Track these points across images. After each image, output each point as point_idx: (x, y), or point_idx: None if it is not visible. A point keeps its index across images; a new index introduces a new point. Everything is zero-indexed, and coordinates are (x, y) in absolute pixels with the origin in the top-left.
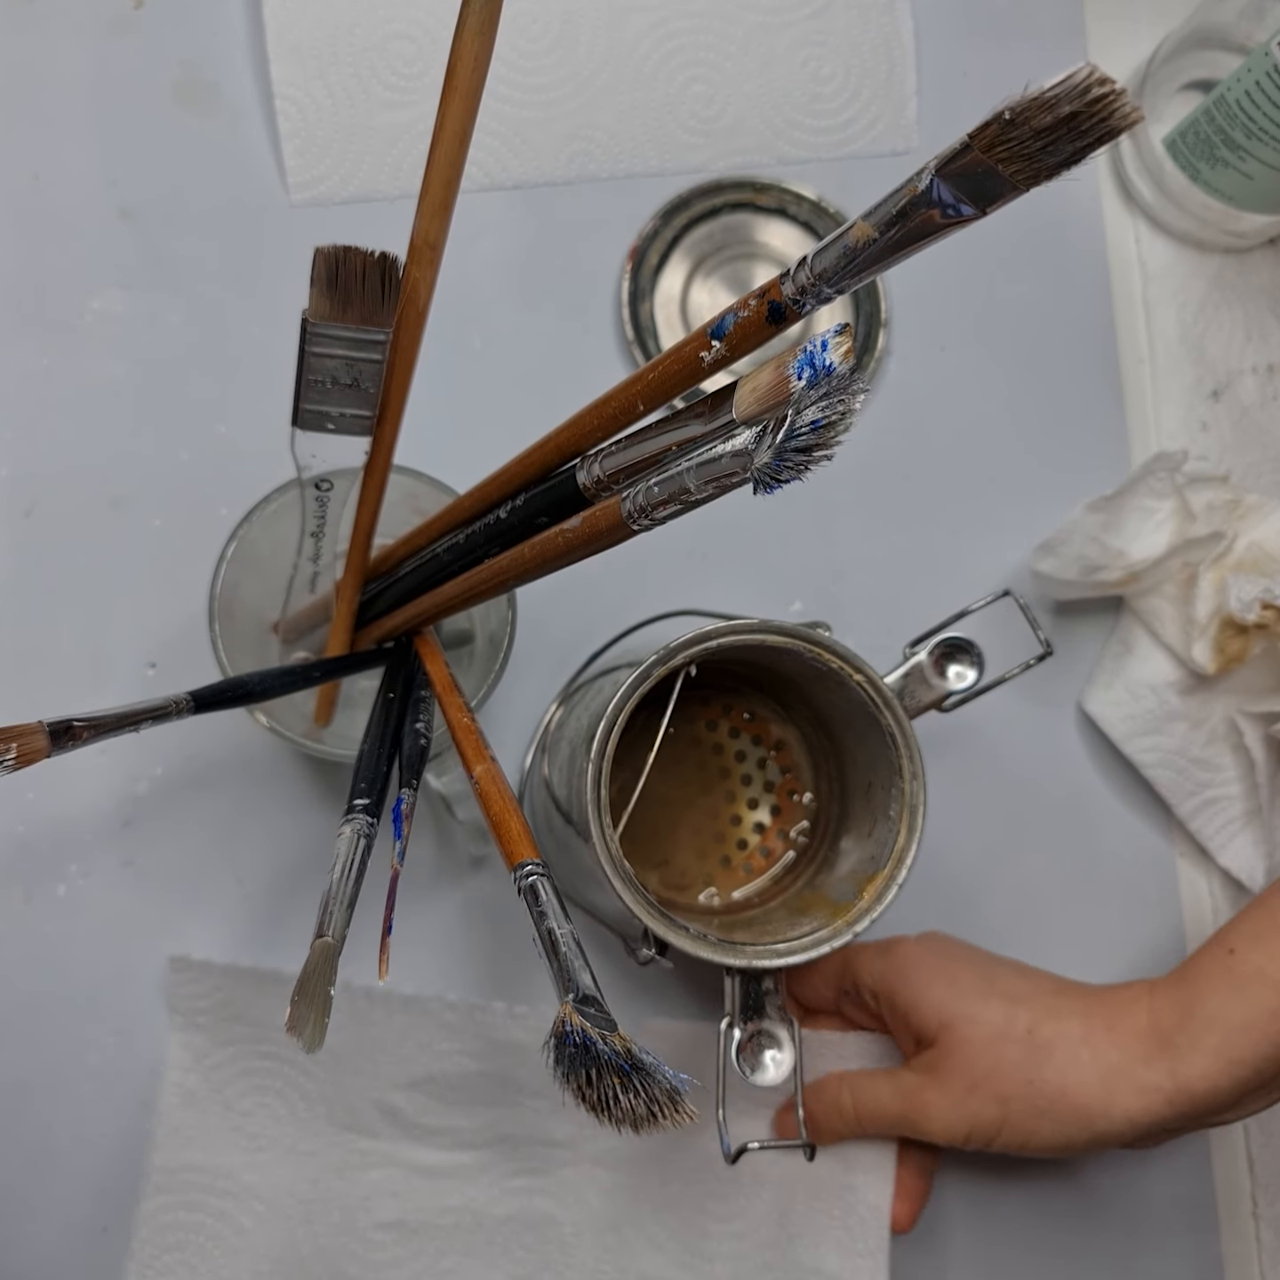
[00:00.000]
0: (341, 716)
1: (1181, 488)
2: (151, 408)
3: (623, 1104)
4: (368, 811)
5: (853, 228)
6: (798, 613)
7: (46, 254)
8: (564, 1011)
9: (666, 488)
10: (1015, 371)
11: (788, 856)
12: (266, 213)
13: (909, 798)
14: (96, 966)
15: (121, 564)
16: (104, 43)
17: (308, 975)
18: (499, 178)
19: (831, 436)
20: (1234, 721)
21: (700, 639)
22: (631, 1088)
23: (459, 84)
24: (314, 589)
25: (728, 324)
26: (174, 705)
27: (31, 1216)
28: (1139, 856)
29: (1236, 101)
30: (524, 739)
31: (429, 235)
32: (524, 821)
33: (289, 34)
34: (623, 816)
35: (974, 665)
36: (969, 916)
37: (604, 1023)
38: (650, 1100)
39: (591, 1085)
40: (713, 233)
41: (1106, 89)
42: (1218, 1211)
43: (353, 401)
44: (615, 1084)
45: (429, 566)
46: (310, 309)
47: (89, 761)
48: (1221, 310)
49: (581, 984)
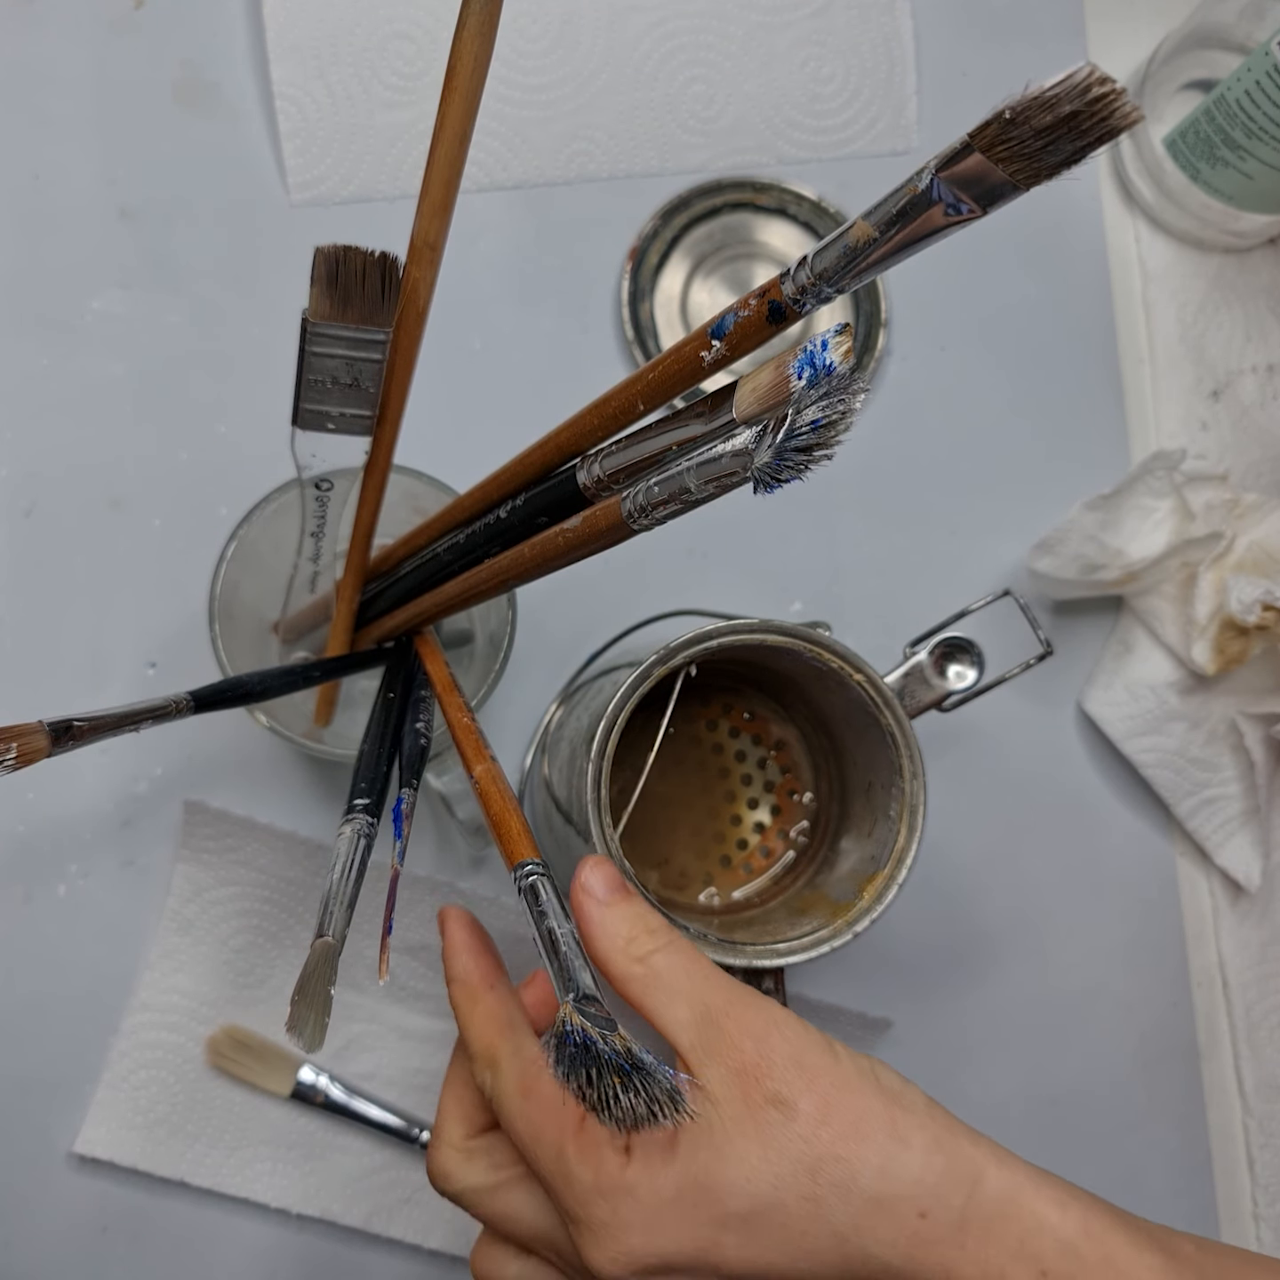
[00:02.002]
0: (341, 716)
1: (1180, 487)
2: (151, 408)
3: (623, 1103)
4: (368, 811)
5: (853, 227)
6: (798, 613)
7: (46, 254)
8: (564, 1011)
9: (666, 487)
10: (1015, 371)
11: (788, 856)
12: (266, 212)
13: (909, 797)
14: (96, 966)
15: (121, 564)
16: (104, 43)
17: (308, 975)
18: (499, 178)
19: (832, 436)
20: (1234, 722)
21: (700, 639)
22: (632, 1087)
23: (459, 84)
24: (314, 589)
25: (728, 324)
26: (174, 705)
27: (31, 1216)
28: (1139, 856)
29: (1236, 101)
30: (524, 739)
31: (429, 235)
32: (524, 821)
33: (289, 34)
34: (623, 816)
35: (974, 665)
36: (969, 916)
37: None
38: (650, 1100)
39: (592, 1085)
40: (712, 233)
41: (1107, 88)
42: (1218, 1211)
43: (353, 401)
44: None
45: (429, 566)
46: (310, 308)
47: (89, 761)
48: (1221, 310)
49: (582, 983)
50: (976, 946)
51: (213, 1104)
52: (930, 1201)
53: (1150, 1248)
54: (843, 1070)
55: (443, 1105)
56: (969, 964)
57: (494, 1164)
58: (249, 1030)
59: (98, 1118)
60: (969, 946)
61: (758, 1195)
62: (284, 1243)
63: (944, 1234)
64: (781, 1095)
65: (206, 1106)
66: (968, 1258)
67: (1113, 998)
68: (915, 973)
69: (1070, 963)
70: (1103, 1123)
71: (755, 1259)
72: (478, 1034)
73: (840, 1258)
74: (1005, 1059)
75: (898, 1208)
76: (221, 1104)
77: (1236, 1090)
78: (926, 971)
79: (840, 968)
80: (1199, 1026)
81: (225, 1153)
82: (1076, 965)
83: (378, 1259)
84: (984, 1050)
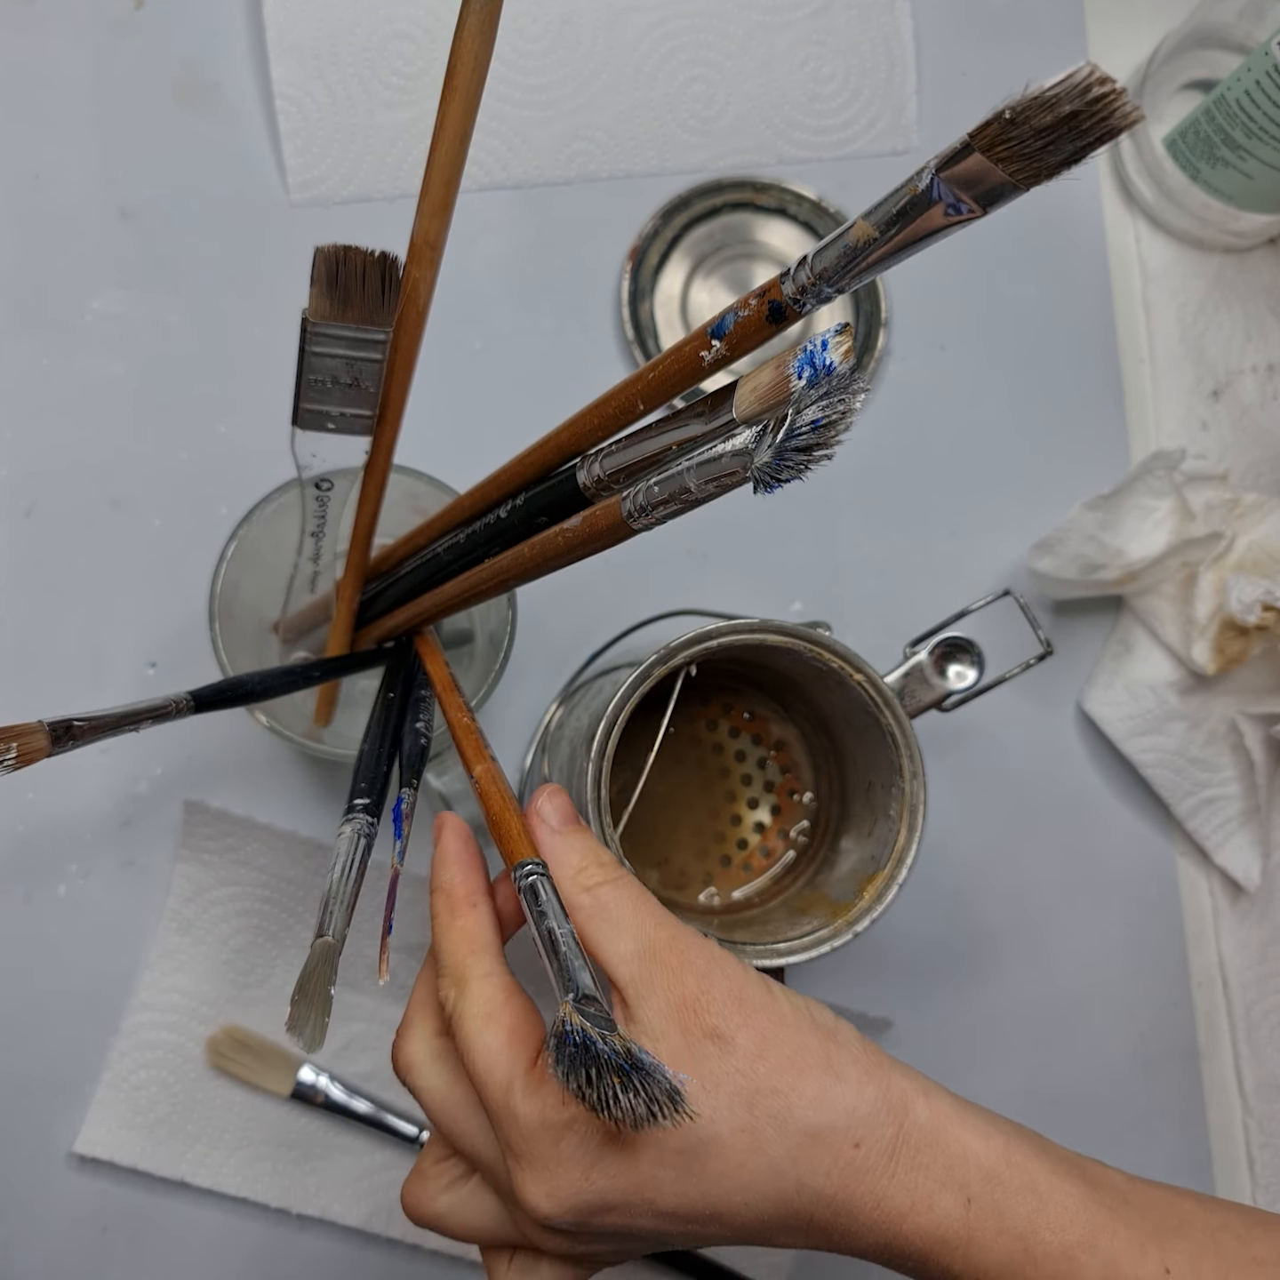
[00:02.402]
0: (341, 716)
1: (1180, 486)
2: (151, 408)
3: (623, 1103)
4: (368, 811)
5: (853, 227)
6: (798, 613)
7: (46, 254)
8: (564, 1011)
9: (667, 487)
10: (1015, 371)
11: (788, 856)
12: (266, 212)
13: (909, 797)
14: (96, 966)
15: (121, 564)
16: (104, 43)
17: (308, 975)
18: (499, 177)
19: (832, 436)
20: (1234, 722)
21: (700, 639)
22: (631, 1087)
23: (459, 83)
24: (314, 589)
25: (728, 323)
26: (174, 705)
27: (31, 1216)
28: (1139, 856)
29: (1236, 101)
30: (524, 739)
31: (429, 235)
32: (524, 821)
33: (289, 34)
34: (623, 816)
35: (974, 665)
36: (969, 916)
37: (604, 1023)
38: (650, 1100)
39: (592, 1085)
40: (713, 232)
41: (1107, 88)
42: None
43: (353, 401)
44: (615, 1083)
45: (429, 566)
46: (310, 308)
47: (89, 761)
48: (1221, 310)
49: (581, 984)
50: (976, 946)
51: (213, 1104)
52: (863, 1132)
53: (1072, 1175)
54: (779, 1007)
55: (416, 996)
56: (969, 964)
57: (455, 1072)
58: (249, 1030)
59: (98, 1118)
60: (969, 946)
61: (693, 1129)
62: (284, 1243)
63: (876, 1163)
64: (719, 1030)
65: (206, 1106)
66: (898, 1185)
67: (1113, 998)
68: (915, 973)
69: (1070, 963)
70: (1103, 1123)
71: (689, 1192)
72: (450, 950)
73: (776, 1190)
74: (1005, 1059)
75: (833, 1139)
76: (221, 1104)
77: (1236, 1090)
78: (926, 971)
79: (840, 968)
80: (1199, 1026)
81: (225, 1153)
82: (1076, 965)
83: (378, 1259)
84: (984, 1050)
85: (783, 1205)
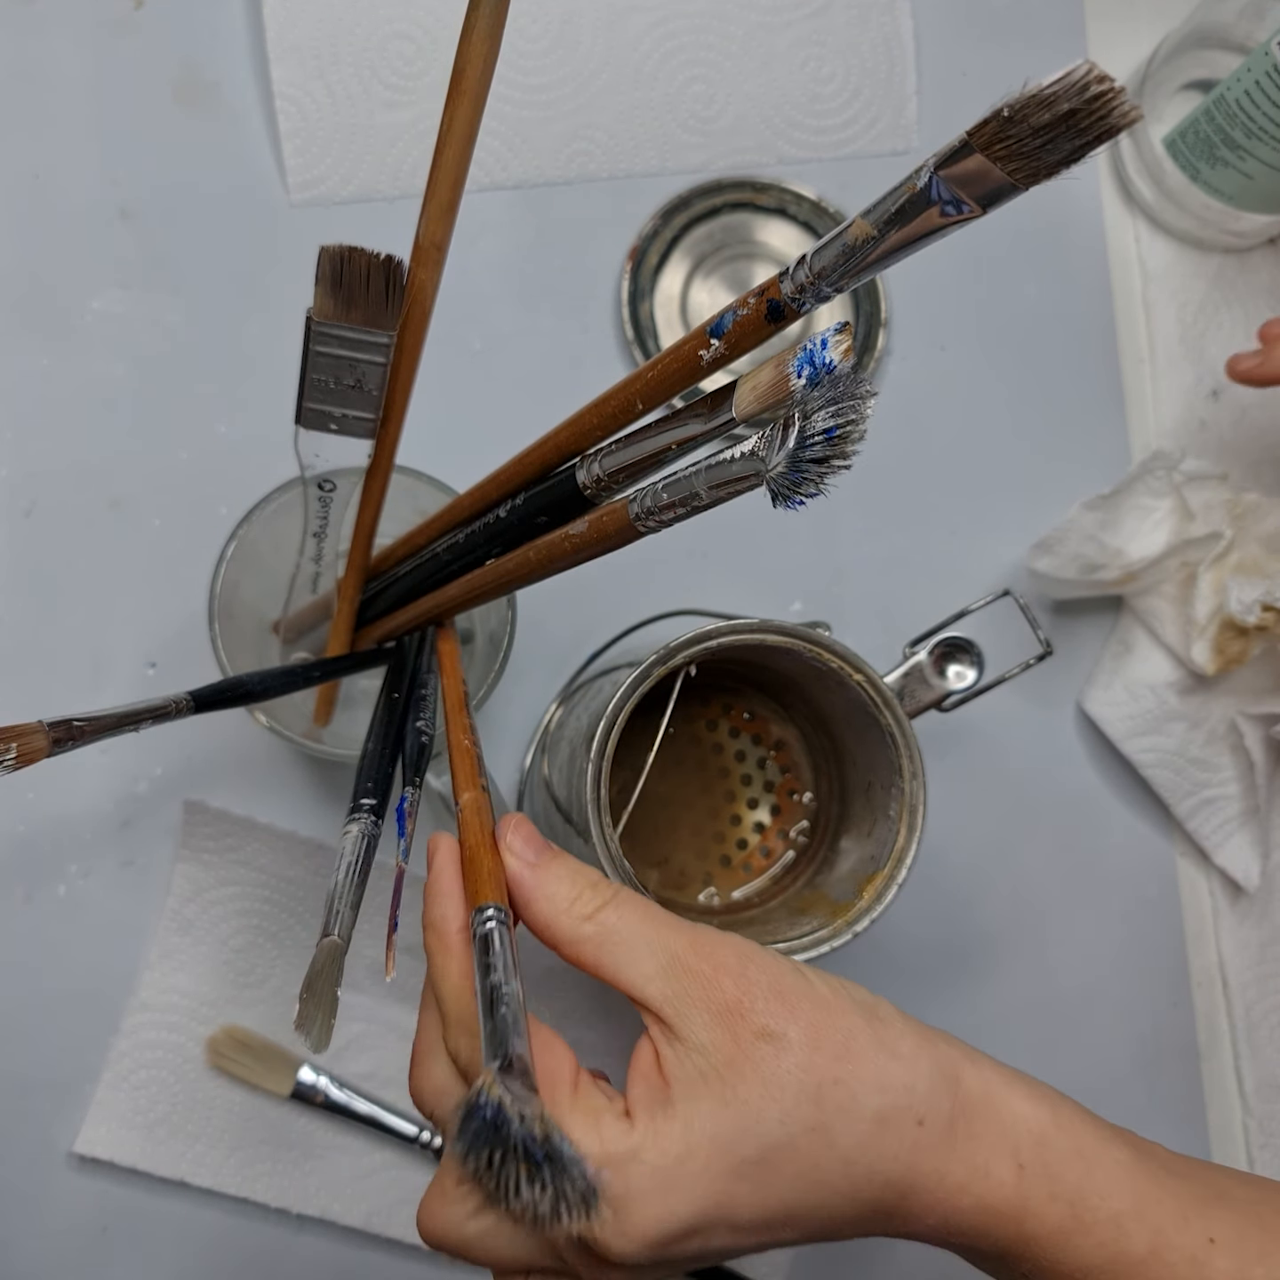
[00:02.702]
0: (341, 716)
1: (1179, 486)
2: (151, 408)
3: (524, 1197)
4: (373, 811)
5: (852, 226)
6: (798, 613)
7: (46, 254)
8: (484, 1079)
9: (674, 491)
10: (1015, 371)
11: (787, 856)
12: (267, 212)
13: (909, 797)
14: (96, 966)
15: (121, 564)
16: (104, 43)
17: (314, 975)
18: (499, 177)
19: (846, 446)
20: (1233, 722)
21: (700, 639)
22: (539, 1180)
23: (468, 86)
24: (315, 589)
25: (727, 322)
26: (174, 705)
27: (31, 1216)
28: (1139, 856)
29: (1236, 101)
30: (524, 739)
31: (435, 236)
32: (498, 860)
33: (289, 34)
34: (623, 816)
35: (974, 665)
36: (969, 916)
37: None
38: (559, 1196)
39: (491, 1169)
40: (712, 232)
41: (1105, 86)
42: None
43: (356, 403)
44: (520, 1172)
45: (429, 566)
46: (315, 307)
47: (89, 761)
48: (1221, 310)
49: (513, 1051)
50: (976, 946)
51: (213, 1104)
52: (924, 1108)
53: (1117, 1141)
54: (820, 992)
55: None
56: (969, 964)
57: None
58: (249, 1030)
59: (98, 1117)
60: (969, 946)
61: (766, 1135)
62: (283, 1243)
63: (939, 1139)
64: (770, 1028)
65: (206, 1106)
66: (956, 1158)
67: (1113, 998)
68: (915, 973)
69: (1070, 963)
70: None
71: (768, 1201)
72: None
73: (848, 1183)
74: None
75: (898, 1119)
76: (221, 1104)
77: (1236, 1090)
78: (926, 971)
79: (840, 968)
80: (1199, 1026)
81: (225, 1153)
82: (1076, 965)
83: (378, 1259)
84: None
85: (853, 1197)
